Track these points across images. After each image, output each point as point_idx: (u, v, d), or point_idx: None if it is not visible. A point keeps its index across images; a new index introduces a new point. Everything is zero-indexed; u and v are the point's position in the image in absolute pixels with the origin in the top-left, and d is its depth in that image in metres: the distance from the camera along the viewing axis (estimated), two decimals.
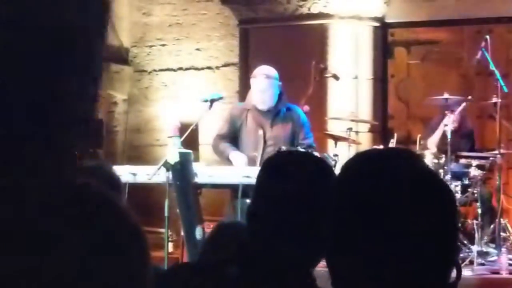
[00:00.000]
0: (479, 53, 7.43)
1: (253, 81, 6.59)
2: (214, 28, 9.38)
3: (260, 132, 6.53)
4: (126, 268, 0.84)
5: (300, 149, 6.17)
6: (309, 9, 8.67)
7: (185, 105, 8.77)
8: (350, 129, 7.48)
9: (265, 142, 6.49)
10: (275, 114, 6.53)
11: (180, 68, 9.44)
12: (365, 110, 8.62)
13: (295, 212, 2.00)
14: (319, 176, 2.06)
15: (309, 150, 6.08)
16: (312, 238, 1.99)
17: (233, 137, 6.63)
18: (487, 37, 7.43)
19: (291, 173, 2.05)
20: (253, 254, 1.97)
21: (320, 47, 8.48)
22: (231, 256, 1.99)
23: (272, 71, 6.57)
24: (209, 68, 9.38)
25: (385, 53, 9.02)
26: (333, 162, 6.73)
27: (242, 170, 6.03)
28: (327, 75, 7.89)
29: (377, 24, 8.79)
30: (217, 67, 9.34)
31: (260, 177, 2.11)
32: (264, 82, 6.47)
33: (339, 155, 7.17)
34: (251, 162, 6.38)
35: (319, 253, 2.05)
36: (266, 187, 2.08)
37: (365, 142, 8.37)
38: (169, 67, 9.46)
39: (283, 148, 6.23)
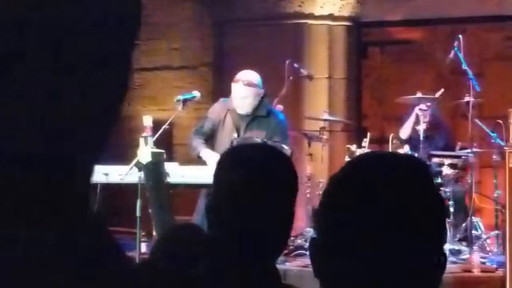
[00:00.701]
0: (452, 52, 7.47)
1: (233, 86, 6.43)
2: (189, 28, 9.36)
3: (235, 135, 6.46)
4: None
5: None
6: (283, 8, 8.68)
7: (159, 105, 8.75)
8: (323, 128, 7.50)
9: None
10: (251, 119, 6.43)
11: (156, 68, 9.42)
12: (339, 110, 8.64)
13: (249, 202, 2.00)
14: (273, 163, 2.06)
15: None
16: (270, 228, 2.00)
17: (209, 134, 6.57)
18: (460, 36, 7.47)
19: (244, 163, 2.04)
20: (216, 249, 1.98)
21: (294, 47, 8.49)
22: (196, 255, 1.99)
23: (253, 78, 6.41)
24: (184, 67, 9.36)
25: (359, 53, 9.05)
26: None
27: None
28: (301, 75, 7.89)
29: (351, 24, 8.82)
30: (193, 67, 9.32)
31: (216, 171, 2.11)
32: (244, 90, 6.34)
33: (313, 155, 7.20)
34: None
35: (279, 244, 2.07)
36: (221, 179, 2.08)
37: (339, 141, 8.39)
38: (144, 67, 9.42)
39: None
